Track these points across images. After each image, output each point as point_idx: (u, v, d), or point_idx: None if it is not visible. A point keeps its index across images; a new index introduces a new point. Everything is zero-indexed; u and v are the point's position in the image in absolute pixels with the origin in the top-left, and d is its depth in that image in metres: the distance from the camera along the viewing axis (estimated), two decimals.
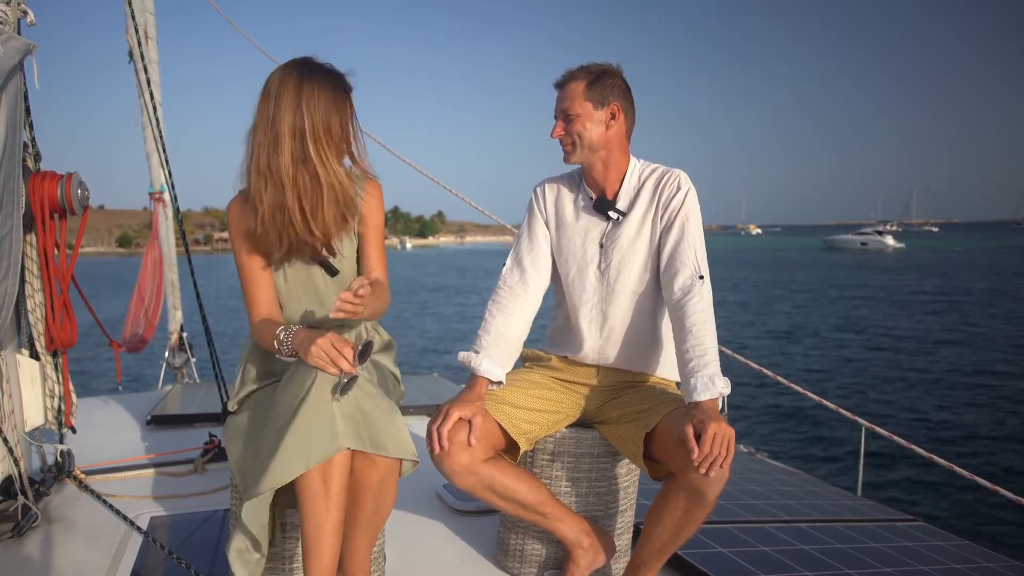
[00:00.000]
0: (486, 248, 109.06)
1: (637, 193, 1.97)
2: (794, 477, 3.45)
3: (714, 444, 1.58)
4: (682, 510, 1.71)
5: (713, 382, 1.69)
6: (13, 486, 2.27)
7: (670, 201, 1.93)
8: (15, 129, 2.09)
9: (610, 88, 1.91)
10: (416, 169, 4.71)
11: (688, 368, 1.74)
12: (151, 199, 5.46)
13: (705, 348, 1.75)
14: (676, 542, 1.79)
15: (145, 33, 4.74)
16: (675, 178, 1.95)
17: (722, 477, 1.62)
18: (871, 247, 65.61)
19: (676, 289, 1.85)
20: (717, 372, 1.72)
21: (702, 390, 1.68)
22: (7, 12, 2.13)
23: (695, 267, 1.86)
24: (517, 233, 2.14)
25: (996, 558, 2.53)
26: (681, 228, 1.90)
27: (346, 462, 1.54)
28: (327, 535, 1.52)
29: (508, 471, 1.84)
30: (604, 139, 1.92)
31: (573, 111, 1.90)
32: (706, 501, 1.67)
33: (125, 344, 4.82)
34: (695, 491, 1.66)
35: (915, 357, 13.65)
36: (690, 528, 1.75)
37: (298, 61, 1.74)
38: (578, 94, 1.90)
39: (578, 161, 1.97)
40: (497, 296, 2.03)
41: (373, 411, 1.56)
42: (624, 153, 1.98)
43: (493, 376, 1.92)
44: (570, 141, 1.93)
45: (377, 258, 1.89)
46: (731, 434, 1.60)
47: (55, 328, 2.38)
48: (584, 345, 2.02)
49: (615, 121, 1.92)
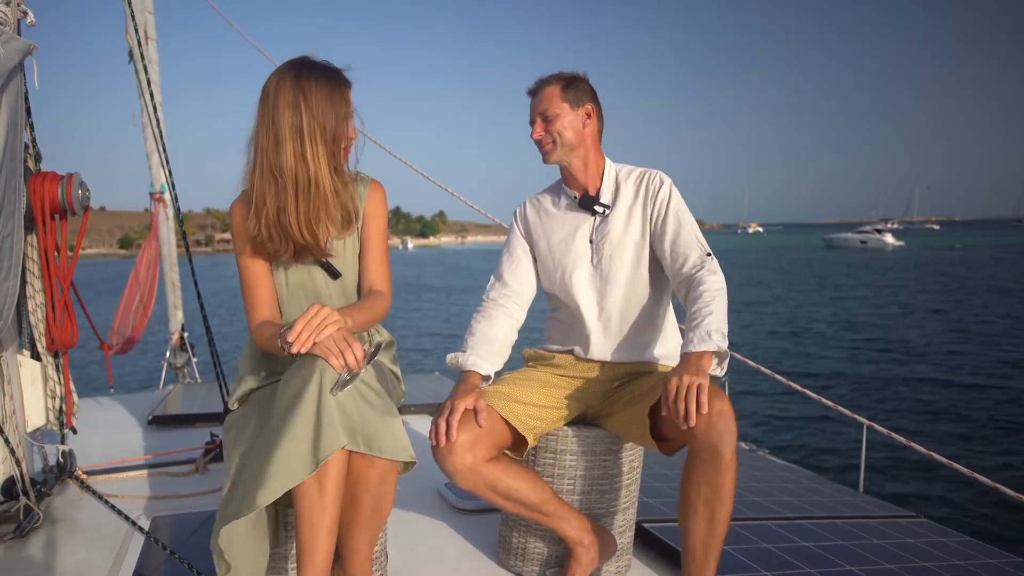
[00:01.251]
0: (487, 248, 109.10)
1: (618, 189, 2.05)
2: (796, 474, 3.45)
3: (678, 395, 1.59)
4: (705, 480, 1.65)
5: (710, 336, 1.70)
6: (15, 487, 2.27)
7: (656, 194, 2.01)
8: (16, 130, 2.10)
9: (582, 91, 2.03)
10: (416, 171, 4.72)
11: (690, 325, 1.76)
12: (151, 199, 5.46)
13: (712, 309, 1.76)
14: (714, 532, 1.68)
15: (145, 33, 4.74)
16: (655, 175, 2.04)
17: (723, 426, 1.59)
18: (871, 245, 65.57)
19: (688, 269, 1.91)
20: (718, 329, 1.72)
21: (698, 342, 1.70)
22: (7, 13, 2.14)
23: (701, 248, 1.93)
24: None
25: (998, 555, 2.53)
26: (676, 218, 1.97)
27: (342, 462, 1.53)
28: (322, 535, 1.51)
29: (510, 471, 1.84)
30: (581, 137, 2.02)
31: (551, 112, 1.99)
32: (721, 458, 1.61)
33: (114, 346, 4.79)
34: (706, 449, 1.62)
35: (915, 356, 13.64)
36: (724, 507, 1.65)
37: (294, 61, 1.74)
38: (555, 96, 2.00)
39: (558, 160, 2.04)
40: (481, 307, 2.11)
41: (370, 411, 1.54)
42: (599, 152, 2.08)
43: (482, 370, 1.95)
44: (550, 140, 2.01)
45: (377, 266, 1.87)
46: (698, 382, 1.60)
47: (55, 329, 2.39)
48: (585, 340, 2.04)
49: (590, 120, 2.03)
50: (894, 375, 11.91)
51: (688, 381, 1.61)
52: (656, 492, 2.67)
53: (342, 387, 1.51)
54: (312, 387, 1.49)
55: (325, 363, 1.51)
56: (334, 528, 1.54)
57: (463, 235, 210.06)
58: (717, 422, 1.60)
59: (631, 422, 1.88)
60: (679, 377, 1.63)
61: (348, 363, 1.51)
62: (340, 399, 1.51)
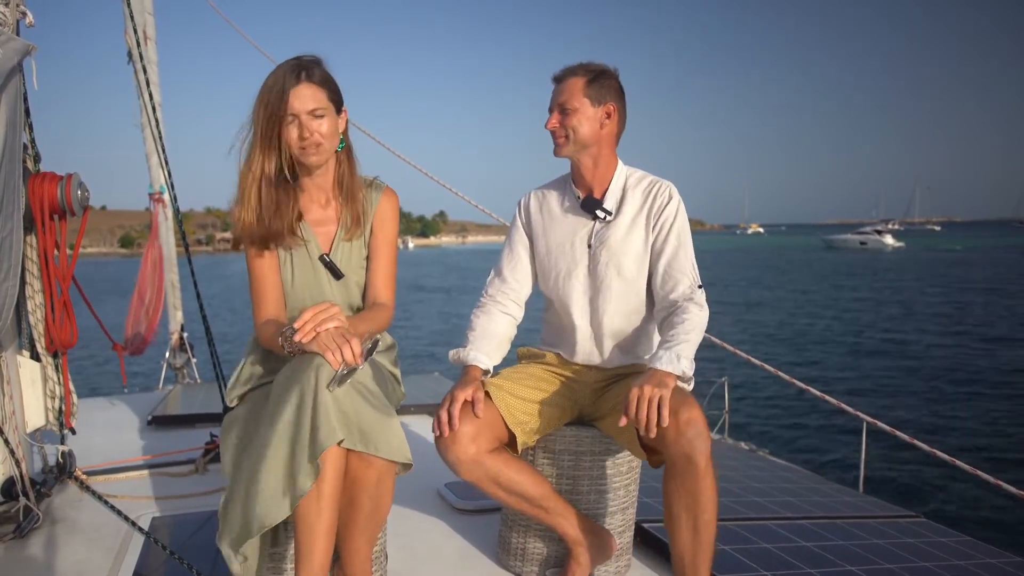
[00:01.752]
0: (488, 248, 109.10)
1: (624, 195, 2.01)
2: (795, 474, 3.45)
3: (639, 405, 1.60)
4: (684, 490, 1.66)
5: (679, 359, 1.72)
6: (15, 487, 2.27)
7: (663, 210, 1.97)
8: (15, 130, 2.09)
9: (608, 88, 1.94)
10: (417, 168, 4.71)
11: (663, 344, 1.78)
12: (151, 199, 5.46)
13: (689, 338, 1.78)
14: (700, 539, 1.68)
15: (144, 33, 4.74)
16: (666, 188, 1.99)
17: (692, 434, 1.60)
18: (870, 246, 65.56)
19: (675, 296, 1.90)
20: (688, 357, 1.74)
21: (667, 362, 1.71)
22: (6, 13, 2.14)
23: (693, 278, 1.92)
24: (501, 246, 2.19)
25: (998, 554, 2.53)
26: (678, 239, 1.95)
27: (339, 463, 1.53)
28: (319, 536, 1.52)
29: (512, 464, 1.84)
30: (596, 136, 1.96)
31: (571, 105, 1.92)
32: (696, 466, 1.61)
33: (128, 346, 4.81)
34: (680, 459, 1.62)
35: (915, 355, 13.64)
36: (705, 512, 1.66)
37: (286, 60, 1.77)
38: (577, 89, 1.92)
39: (568, 155, 1.99)
40: (480, 303, 2.11)
41: (368, 411, 1.55)
42: (613, 154, 2.02)
43: (482, 364, 1.95)
44: (564, 134, 1.95)
45: (384, 277, 1.89)
46: (660, 394, 1.61)
47: (55, 329, 2.38)
48: (576, 344, 2.04)
49: (609, 121, 1.96)
50: (894, 375, 11.91)
51: (650, 392, 1.62)
52: (655, 492, 2.66)
53: (339, 383, 1.51)
54: (308, 386, 1.49)
55: (322, 361, 1.52)
56: (332, 529, 1.54)
57: (464, 235, 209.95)
58: (686, 430, 1.61)
59: (621, 428, 1.88)
60: (640, 387, 1.64)
61: (346, 359, 1.51)
62: (338, 396, 1.51)
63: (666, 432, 1.62)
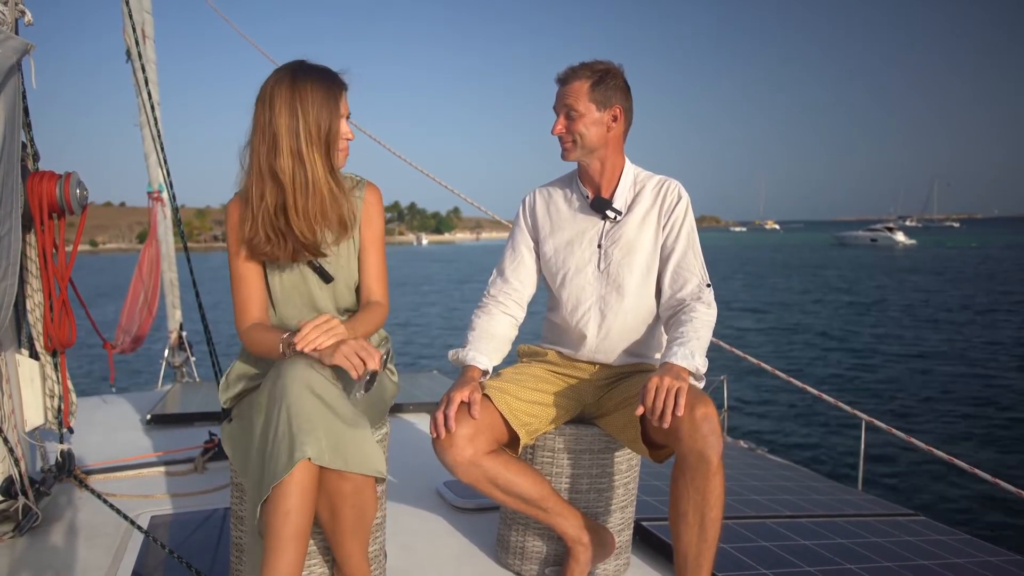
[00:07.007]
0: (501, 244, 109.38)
1: (634, 194, 2.00)
2: (794, 472, 3.45)
3: (657, 394, 1.60)
4: (693, 487, 1.65)
5: (694, 356, 1.73)
6: (14, 486, 2.27)
7: (673, 209, 1.97)
8: (13, 129, 2.09)
9: (613, 90, 1.92)
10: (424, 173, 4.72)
11: (675, 340, 1.78)
12: (150, 198, 5.46)
13: (700, 336, 1.79)
14: (705, 537, 1.67)
15: (143, 32, 4.73)
16: (675, 187, 2.00)
17: (707, 429, 1.60)
18: (881, 243, 65.02)
19: (683, 294, 1.91)
20: (701, 353, 1.75)
21: (682, 357, 1.72)
22: (5, 12, 2.13)
23: (702, 276, 1.93)
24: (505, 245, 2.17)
25: (997, 552, 2.53)
26: (687, 239, 1.95)
27: (307, 473, 1.50)
28: (286, 542, 1.48)
29: (511, 465, 1.84)
30: (604, 140, 1.94)
31: (577, 110, 1.91)
32: (709, 463, 1.62)
33: (119, 345, 4.80)
34: (693, 455, 1.62)
35: (916, 356, 13.64)
36: (713, 510, 1.66)
37: (291, 64, 1.75)
38: (582, 93, 1.90)
39: (576, 159, 1.98)
40: (481, 303, 2.10)
41: (338, 424, 1.53)
42: (620, 153, 2.01)
43: (481, 364, 1.95)
44: (571, 139, 1.93)
45: (375, 274, 1.88)
46: (677, 386, 1.61)
47: (53, 328, 2.38)
48: (582, 343, 2.03)
49: (616, 123, 1.95)
50: (892, 376, 11.91)
51: (668, 383, 1.62)
52: (655, 490, 2.67)
53: (365, 389, 1.56)
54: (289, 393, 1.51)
55: (305, 366, 1.54)
56: (300, 536, 1.51)
57: (478, 231, 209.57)
58: (702, 425, 1.61)
59: (624, 425, 1.88)
60: (660, 378, 1.64)
61: (368, 366, 1.54)
62: (310, 411, 1.51)
63: (680, 427, 1.61)
